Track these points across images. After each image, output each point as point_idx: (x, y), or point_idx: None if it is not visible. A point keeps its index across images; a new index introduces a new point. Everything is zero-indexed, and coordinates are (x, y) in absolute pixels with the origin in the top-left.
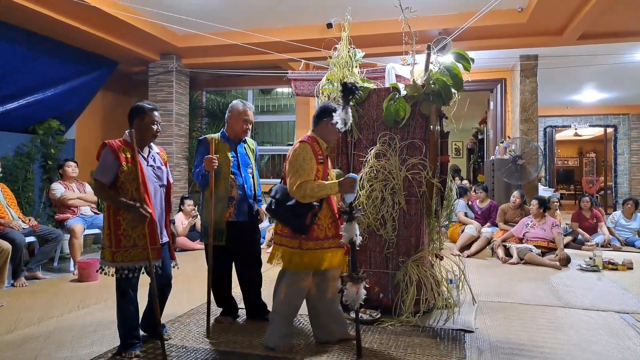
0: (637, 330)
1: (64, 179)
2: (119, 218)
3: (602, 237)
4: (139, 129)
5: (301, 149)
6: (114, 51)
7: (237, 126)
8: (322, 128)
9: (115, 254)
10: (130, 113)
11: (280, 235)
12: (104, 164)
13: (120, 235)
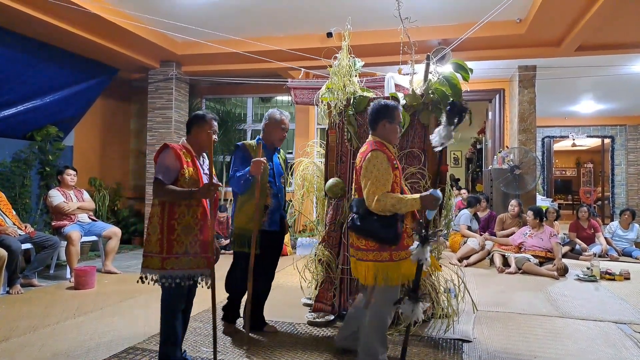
0: (634, 340)
1: (62, 186)
2: (173, 222)
3: (599, 247)
4: (198, 137)
5: (374, 158)
6: (114, 58)
7: (275, 134)
8: (381, 129)
9: (165, 261)
10: (190, 120)
11: (365, 250)
12: (166, 165)
13: (173, 241)
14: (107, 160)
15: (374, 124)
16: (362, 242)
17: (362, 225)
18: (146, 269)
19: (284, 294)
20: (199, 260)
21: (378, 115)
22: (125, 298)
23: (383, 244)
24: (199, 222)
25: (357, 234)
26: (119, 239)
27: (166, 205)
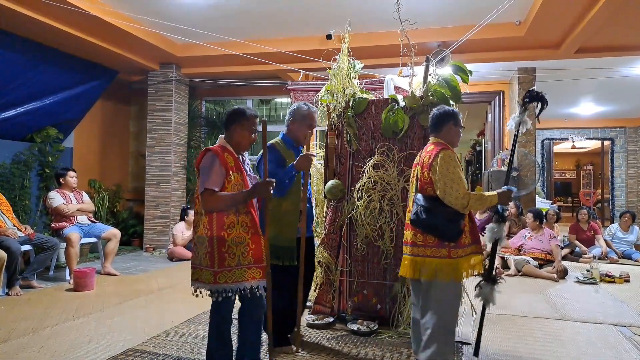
0: (634, 342)
1: (62, 188)
2: (223, 234)
3: (599, 249)
4: (237, 135)
5: (449, 157)
6: (114, 60)
7: (301, 131)
8: (446, 132)
9: (218, 275)
10: (230, 117)
11: (423, 246)
12: (214, 172)
13: (224, 253)
14: (107, 162)
15: (439, 126)
16: (420, 238)
17: (427, 218)
18: (197, 282)
19: None
20: (253, 271)
21: (444, 118)
22: (124, 300)
23: (444, 240)
24: (249, 231)
25: (421, 229)
26: (119, 240)
27: (214, 215)
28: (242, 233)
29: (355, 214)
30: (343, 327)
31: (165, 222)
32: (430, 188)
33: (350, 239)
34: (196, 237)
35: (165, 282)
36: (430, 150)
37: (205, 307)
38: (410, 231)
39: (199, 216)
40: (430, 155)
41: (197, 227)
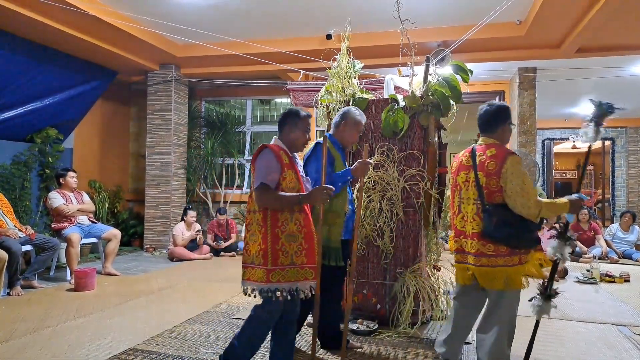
0: (634, 342)
1: (63, 188)
2: (277, 231)
3: (599, 249)
4: (292, 135)
5: (519, 164)
6: (113, 61)
7: (350, 136)
8: (501, 132)
9: (271, 273)
10: (284, 117)
11: (494, 256)
12: (270, 167)
13: (277, 251)
14: (107, 163)
15: (493, 126)
16: (491, 248)
17: (502, 228)
18: (248, 281)
19: None
20: (305, 271)
21: (501, 116)
22: (125, 300)
23: (520, 249)
24: (302, 230)
25: (496, 240)
26: (119, 241)
27: (268, 212)
28: (295, 232)
29: None
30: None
31: (165, 222)
32: (500, 196)
33: None
34: (248, 236)
35: (165, 282)
36: (492, 154)
37: (205, 306)
38: (477, 241)
39: (252, 214)
40: (495, 161)
41: (249, 225)
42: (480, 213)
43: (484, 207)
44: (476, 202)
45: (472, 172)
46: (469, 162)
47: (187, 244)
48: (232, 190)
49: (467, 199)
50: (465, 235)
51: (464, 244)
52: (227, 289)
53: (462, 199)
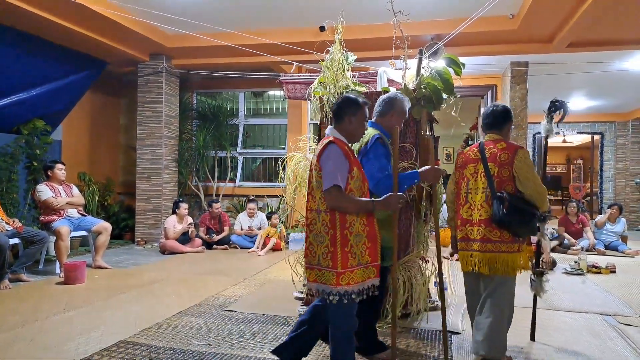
0: (618, 331)
1: (51, 181)
2: (345, 232)
3: (587, 241)
4: (352, 126)
5: (528, 155)
6: (103, 51)
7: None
8: (506, 132)
9: (341, 276)
10: (342, 105)
11: (499, 242)
12: (341, 167)
13: (347, 254)
14: (97, 155)
15: (501, 124)
16: (497, 234)
17: (515, 218)
18: (315, 283)
19: (276, 288)
20: (369, 270)
21: (507, 117)
22: (116, 293)
23: (523, 236)
24: (365, 228)
25: (506, 227)
26: (109, 234)
27: (337, 214)
28: (360, 231)
29: None
30: None
31: (156, 215)
32: (510, 185)
33: None
34: (312, 236)
35: (157, 275)
36: (503, 147)
37: (197, 299)
38: (484, 227)
39: (316, 213)
40: (508, 152)
41: (312, 224)
42: (489, 200)
43: (494, 194)
44: (485, 190)
45: (480, 164)
46: (477, 156)
47: (179, 237)
48: (225, 184)
49: (476, 189)
50: (471, 223)
51: (470, 231)
52: (219, 281)
53: (470, 190)
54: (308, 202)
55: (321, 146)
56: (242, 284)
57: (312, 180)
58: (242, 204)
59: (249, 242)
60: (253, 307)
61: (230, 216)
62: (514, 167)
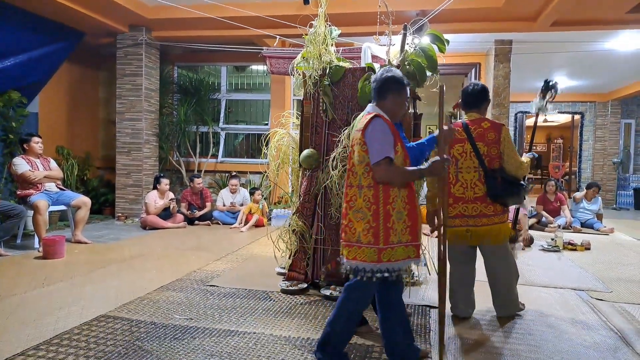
0: (590, 305)
1: (28, 154)
2: (388, 208)
3: (564, 219)
4: (394, 104)
5: (508, 131)
6: (79, 21)
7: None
8: (484, 110)
9: (382, 252)
10: (387, 83)
11: (493, 215)
12: (388, 139)
13: (389, 229)
14: (75, 129)
15: (479, 103)
16: (492, 208)
17: (510, 191)
18: (354, 260)
19: (258, 263)
20: (409, 249)
21: (485, 96)
22: (96, 267)
23: (510, 205)
24: (406, 206)
25: (500, 200)
26: (89, 208)
27: (380, 189)
28: (401, 209)
29: (330, 183)
30: (316, 293)
31: (137, 190)
32: (497, 162)
33: (325, 208)
34: (351, 213)
35: (138, 250)
36: (488, 127)
37: (179, 274)
38: (479, 204)
39: (356, 189)
40: (494, 132)
41: (352, 201)
42: (482, 179)
43: (487, 172)
44: (477, 169)
45: (467, 143)
46: (463, 135)
47: (160, 213)
48: (207, 159)
49: (467, 168)
50: (464, 200)
51: (464, 209)
52: (201, 257)
53: (461, 169)
54: (348, 178)
55: (365, 121)
56: (224, 259)
57: (353, 156)
58: (225, 180)
59: (231, 218)
60: (235, 282)
61: (212, 192)
62: (500, 144)
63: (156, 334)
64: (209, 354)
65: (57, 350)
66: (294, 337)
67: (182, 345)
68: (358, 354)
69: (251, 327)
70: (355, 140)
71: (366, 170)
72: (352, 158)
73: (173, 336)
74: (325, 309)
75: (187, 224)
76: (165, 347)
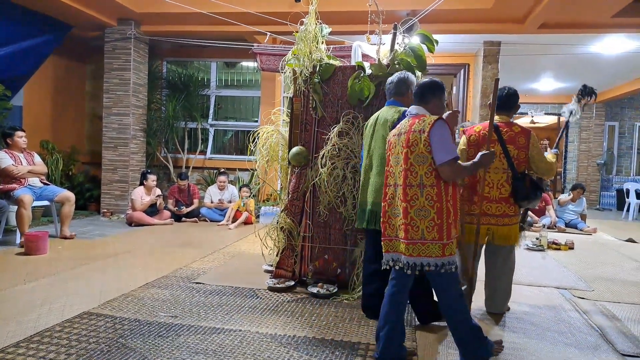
0: (573, 303)
1: (11, 148)
2: (448, 205)
3: (549, 219)
4: (436, 108)
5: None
6: (67, 14)
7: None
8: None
9: (446, 247)
10: (429, 88)
11: (514, 215)
12: (451, 140)
13: (450, 225)
14: (61, 123)
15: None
16: (513, 209)
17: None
18: (419, 257)
19: (245, 261)
20: (455, 243)
21: (517, 100)
22: (80, 264)
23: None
24: (453, 202)
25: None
26: (73, 204)
27: (442, 187)
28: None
29: (318, 180)
30: (304, 291)
31: (123, 186)
32: (524, 166)
33: (313, 206)
34: (413, 211)
35: (123, 247)
36: (519, 131)
37: (165, 271)
38: (504, 204)
39: (417, 189)
40: (524, 136)
41: (413, 200)
42: (509, 180)
43: (516, 175)
44: (506, 171)
45: (497, 145)
46: (494, 137)
47: (147, 209)
48: (195, 156)
49: (496, 169)
50: (489, 200)
51: (487, 207)
52: (187, 254)
53: (489, 169)
54: (406, 178)
55: (428, 122)
56: (210, 256)
57: (411, 156)
58: (213, 176)
59: (219, 215)
60: (221, 279)
61: (200, 189)
62: (530, 150)
63: (140, 331)
64: (193, 351)
65: (37, 347)
66: (280, 335)
67: (167, 342)
68: (344, 352)
69: (237, 324)
70: (415, 141)
71: (429, 170)
72: (409, 158)
73: (157, 333)
74: (312, 306)
75: (174, 221)
76: (149, 345)
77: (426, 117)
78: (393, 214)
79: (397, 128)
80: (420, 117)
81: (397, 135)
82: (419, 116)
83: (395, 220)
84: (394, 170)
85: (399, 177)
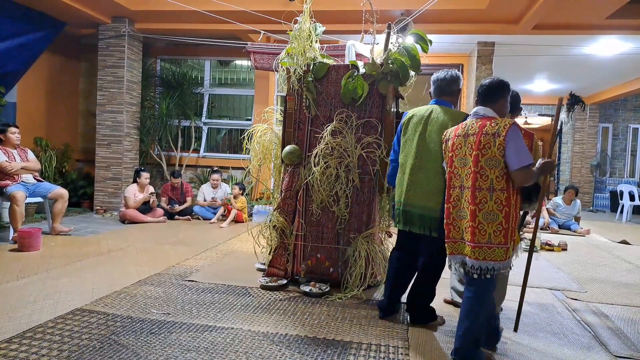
0: (566, 305)
1: (5, 145)
2: (513, 210)
3: (542, 220)
4: (504, 109)
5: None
6: (61, 10)
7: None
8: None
9: (508, 250)
10: (498, 88)
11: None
12: (526, 146)
13: (514, 229)
14: (54, 120)
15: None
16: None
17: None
18: (484, 261)
19: (238, 259)
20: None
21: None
22: (72, 261)
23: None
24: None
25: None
26: (66, 201)
27: (512, 191)
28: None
29: (311, 179)
30: (296, 289)
31: (117, 184)
32: None
33: (306, 204)
34: (481, 215)
35: (116, 244)
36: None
37: (157, 269)
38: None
39: (487, 192)
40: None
41: (482, 203)
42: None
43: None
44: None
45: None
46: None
47: (140, 207)
48: (188, 154)
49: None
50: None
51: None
52: (180, 252)
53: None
54: (475, 180)
55: (503, 125)
56: (203, 254)
57: (482, 159)
58: (206, 174)
59: (212, 214)
60: (214, 277)
61: (193, 187)
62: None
63: (132, 328)
64: (185, 349)
65: (30, 343)
66: (272, 333)
67: (159, 340)
68: (336, 351)
69: (229, 322)
70: (487, 144)
71: (500, 174)
72: (480, 161)
73: (150, 331)
74: (305, 305)
75: (167, 219)
76: (141, 342)
77: (499, 120)
78: (458, 216)
79: (462, 128)
80: (492, 119)
81: (463, 136)
82: (488, 118)
83: (461, 223)
84: (459, 172)
85: (466, 180)
